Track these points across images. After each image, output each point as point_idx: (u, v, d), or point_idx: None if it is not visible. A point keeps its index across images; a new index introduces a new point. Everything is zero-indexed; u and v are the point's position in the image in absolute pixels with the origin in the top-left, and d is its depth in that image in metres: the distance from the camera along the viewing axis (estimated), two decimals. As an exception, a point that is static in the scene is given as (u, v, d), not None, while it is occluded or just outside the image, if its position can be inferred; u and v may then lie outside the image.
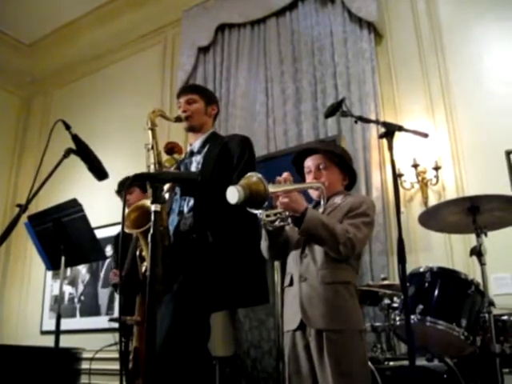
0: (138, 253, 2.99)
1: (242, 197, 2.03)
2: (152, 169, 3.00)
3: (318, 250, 2.49)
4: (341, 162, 2.72)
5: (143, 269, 2.92)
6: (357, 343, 2.37)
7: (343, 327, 2.35)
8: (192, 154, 3.19)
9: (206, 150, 3.13)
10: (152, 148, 3.04)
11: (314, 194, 2.70)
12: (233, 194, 2.05)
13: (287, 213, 2.40)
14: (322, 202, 2.52)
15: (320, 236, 2.38)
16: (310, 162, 2.73)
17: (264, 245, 2.64)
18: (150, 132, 3.09)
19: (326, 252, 2.45)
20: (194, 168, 3.12)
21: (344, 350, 2.31)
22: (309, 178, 2.71)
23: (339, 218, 2.50)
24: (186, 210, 2.97)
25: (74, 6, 6.84)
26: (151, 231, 1.78)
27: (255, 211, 2.27)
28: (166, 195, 3.03)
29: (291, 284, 2.57)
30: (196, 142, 3.20)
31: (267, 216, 2.40)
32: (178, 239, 2.92)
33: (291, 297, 2.54)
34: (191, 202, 2.97)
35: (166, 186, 2.91)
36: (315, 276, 2.45)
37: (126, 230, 2.81)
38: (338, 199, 2.63)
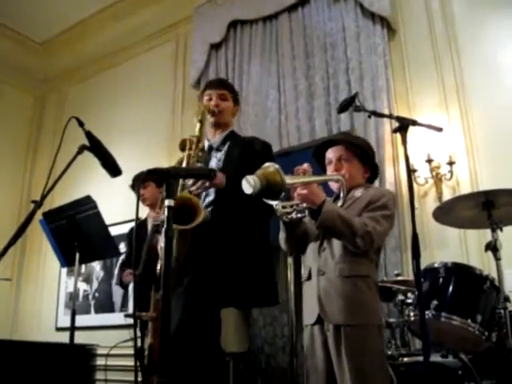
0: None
1: (257, 187, 2.01)
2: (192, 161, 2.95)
3: (337, 244, 2.47)
4: (362, 155, 2.69)
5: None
6: (375, 338, 2.35)
7: (361, 322, 2.33)
8: (211, 149, 3.18)
9: (226, 147, 3.12)
10: (197, 141, 2.98)
11: (334, 186, 2.65)
12: (248, 184, 2.02)
13: (304, 205, 2.38)
14: (341, 195, 2.49)
15: (337, 229, 2.35)
16: (331, 154, 2.70)
17: (281, 236, 2.61)
18: (198, 124, 3.04)
19: (345, 245, 2.42)
20: (214, 164, 3.11)
21: (362, 346, 2.29)
22: (329, 170, 2.67)
23: (358, 211, 2.48)
24: (204, 204, 2.97)
25: (85, 4, 6.87)
26: (165, 227, 1.78)
27: (271, 202, 2.25)
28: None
29: (309, 278, 2.55)
30: (215, 138, 3.19)
31: (283, 207, 2.38)
32: (195, 233, 2.92)
33: (309, 291, 2.52)
34: (211, 197, 2.97)
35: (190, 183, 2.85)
36: (333, 270, 2.43)
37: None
38: (358, 192, 2.60)
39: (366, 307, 2.38)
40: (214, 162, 3.11)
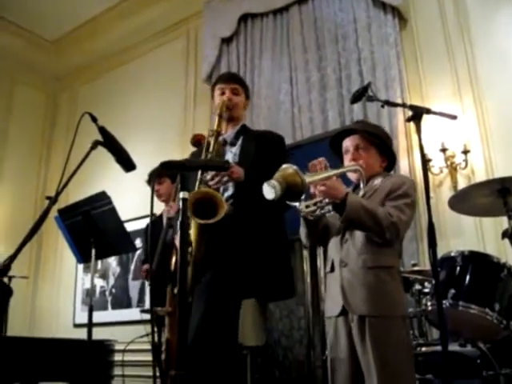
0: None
1: (278, 192, 1.99)
2: (209, 155, 2.95)
3: (359, 235, 2.45)
4: (380, 144, 2.66)
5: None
6: (399, 329, 2.32)
7: (385, 313, 2.32)
8: (225, 143, 3.18)
9: (240, 142, 3.11)
10: (212, 135, 2.99)
11: (352, 176, 2.63)
12: (269, 190, 2.01)
13: (327, 200, 2.37)
14: (361, 185, 2.47)
15: (363, 222, 2.33)
16: (348, 143, 2.67)
17: (303, 231, 2.60)
18: (217, 118, 3.05)
19: (367, 236, 2.41)
20: (230, 159, 3.10)
21: (386, 336, 2.27)
22: (346, 159, 2.65)
23: (380, 201, 2.46)
24: (224, 197, 2.97)
25: (96, 2, 6.90)
26: (179, 219, 1.79)
27: (294, 203, 2.24)
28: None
29: (332, 270, 2.53)
30: (228, 132, 3.18)
31: (307, 207, 2.37)
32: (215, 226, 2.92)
33: (333, 282, 2.51)
34: (230, 191, 2.96)
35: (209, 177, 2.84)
36: (356, 261, 2.42)
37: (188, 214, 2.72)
38: (377, 181, 2.57)
39: (390, 298, 2.36)
40: (230, 156, 3.11)
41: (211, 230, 2.68)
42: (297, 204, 2.28)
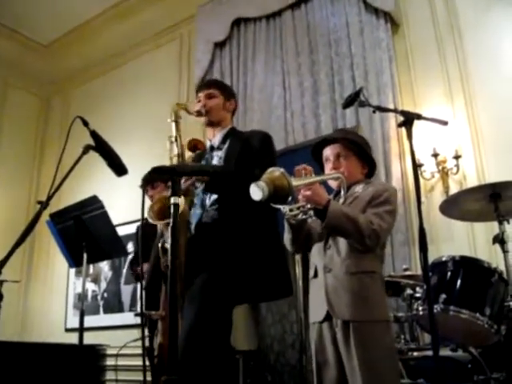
0: (160, 245, 2.99)
1: (266, 193, 2.00)
2: (175, 161, 3.00)
3: (342, 241, 2.47)
4: (359, 151, 2.69)
5: (164, 260, 2.93)
6: (384, 333, 2.34)
7: (368, 318, 2.33)
8: (212, 149, 3.18)
9: (227, 145, 3.11)
10: (176, 140, 3.02)
11: (333, 184, 2.66)
12: (256, 191, 2.02)
13: (309, 205, 2.39)
14: (342, 193, 2.49)
15: (344, 229, 2.36)
16: (328, 152, 2.70)
17: (287, 237, 2.62)
18: (173, 124, 3.07)
19: (350, 242, 2.43)
20: (215, 163, 3.12)
21: (371, 340, 2.29)
22: (327, 168, 2.68)
23: (362, 208, 2.48)
24: (208, 203, 2.97)
25: (89, 6, 6.88)
26: (171, 223, 1.79)
27: (279, 206, 2.25)
28: (198, 189, 3.02)
29: (316, 275, 2.55)
30: (216, 137, 3.18)
31: (291, 210, 2.38)
32: (200, 231, 2.93)
33: (316, 288, 2.52)
34: (214, 196, 2.97)
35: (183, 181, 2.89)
36: (339, 266, 2.43)
37: (150, 221, 2.83)
38: (358, 188, 2.60)
39: (373, 303, 2.38)
40: (216, 160, 3.11)
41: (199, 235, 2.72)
42: (281, 207, 2.29)
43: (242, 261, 2.76)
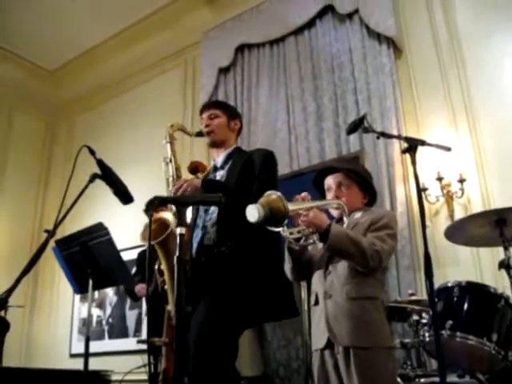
0: (156, 267, 3.01)
1: (261, 215, 2.04)
2: (170, 181, 3.03)
3: (342, 266, 2.47)
4: (361, 181, 2.71)
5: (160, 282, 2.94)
6: (385, 360, 2.34)
7: (369, 344, 2.32)
8: (215, 169, 3.19)
9: (229, 165, 3.12)
10: (170, 161, 3.06)
11: (334, 212, 2.68)
12: (252, 213, 2.05)
13: (310, 230, 2.40)
14: (344, 219, 2.51)
15: (347, 251, 2.36)
16: (330, 180, 2.72)
17: (288, 267, 2.63)
18: (168, 145, 3.11)
19: (350, 267, 2.43)
20: None
21: (372, 367, 2.28)
22: (329, 196, 2.70)
23: (362, 233, 2.49)
24: (209, 224, 2.98)
25: (95, 32, 6.98)
26: (177, 254, 1.79)
27: (275, 229, 2.26)
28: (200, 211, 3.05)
29: (317, 303, 2.55)
30: (219, 157, 3.20)
31: (290, 233, 2.39)
32: (202, 253, 2.93)
33: (318, 315, 2.52)
34: (214, 215, 2.97)
35: None
36: (340, 292, 2.43)
37: (141, 241, 2.88)
38: (358, 215, 2.62)
39: (375, 329, 2.38)
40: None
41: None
42: (281, 230, 2.30)
43: (245, 284, 2.75)
